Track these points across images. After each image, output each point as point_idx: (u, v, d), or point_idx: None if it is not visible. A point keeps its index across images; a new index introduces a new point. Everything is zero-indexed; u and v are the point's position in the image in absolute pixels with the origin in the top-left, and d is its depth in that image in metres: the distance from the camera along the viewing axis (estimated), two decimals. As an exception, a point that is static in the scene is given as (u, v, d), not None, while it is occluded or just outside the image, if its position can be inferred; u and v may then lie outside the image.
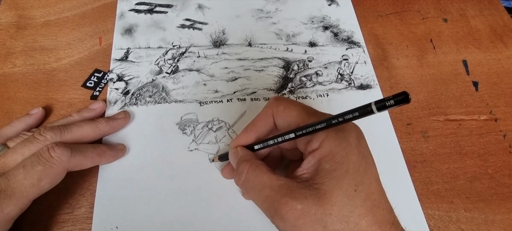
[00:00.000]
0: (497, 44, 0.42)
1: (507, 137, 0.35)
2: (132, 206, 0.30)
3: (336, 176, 0.21)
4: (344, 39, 0.41)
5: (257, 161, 0.25)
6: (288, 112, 0.25)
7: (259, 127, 0.27)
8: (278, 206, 0.21)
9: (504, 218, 0.31)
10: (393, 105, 0.17)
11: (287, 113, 0.25)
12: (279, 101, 0.26)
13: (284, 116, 0.25)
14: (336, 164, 0.21)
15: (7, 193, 0.24)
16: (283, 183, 0.22)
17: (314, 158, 0.22)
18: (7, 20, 0.42)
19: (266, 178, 0.23)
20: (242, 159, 0.25)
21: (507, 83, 0.39)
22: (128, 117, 0.34)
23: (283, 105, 0.25)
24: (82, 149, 0.28)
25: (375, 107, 0.18)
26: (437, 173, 0.33)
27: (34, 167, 0.25)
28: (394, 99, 0.16)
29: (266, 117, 0.26)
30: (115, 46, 0.40)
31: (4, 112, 0.35)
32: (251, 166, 0.24)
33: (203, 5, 0.44)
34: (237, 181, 0.25)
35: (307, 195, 0.21)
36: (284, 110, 0.25)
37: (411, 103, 0.37)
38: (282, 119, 0.25)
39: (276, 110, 0.25)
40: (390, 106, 0.17)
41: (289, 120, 0.25)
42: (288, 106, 0.25)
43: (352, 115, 0.19)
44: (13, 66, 0.38)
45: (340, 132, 0.22)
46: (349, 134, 0.22)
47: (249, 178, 0.24)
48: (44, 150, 0.26)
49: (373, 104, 0.18)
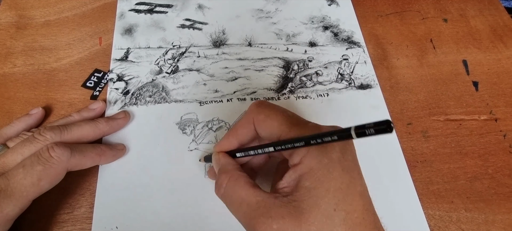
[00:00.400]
0: (497, 44, 0.42)
1: (507, 137, 0.35)
2: (132, 206, 0.30)
3: (316, 194, 0.20)
4: (344, 39, 0.41)
5: (236, 173, 0.24)
6: (269, 123, 0.24)
7: (240, 134, 0.26)
8: (255, 225, 0.21)
9: (505, 218, 0.31)
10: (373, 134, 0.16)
11: (268, 124, 0.24)
12: (260, 109, 0.25)
13: (265, 126, 0.24)
14: (316, 181, 0.20)
15: (6, 193, 0.24)
16: (261, 199, 0.21)
17: (295, 173, 0.22)
18: (7, 20, 0.42)
19: (244, 193, 0.22)
20: (222, 170, 0.25)
21: (507, 83, 0.39)
22: (128, 117, 0.34)
23: (264, 114, 0.24)
24: (82, 148, 0.28)
25: (354, 133, 0.17)
26: (438, 173, 0.33)
27: (33, 166, 0.25)
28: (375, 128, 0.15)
29: (247, 125, 0.25)
30: (115, 46, 0.40)
31: (4, 112, 0.35)
32: (230, 179, 0.23)
33: (203, 5, 0.44)
34: (217, 192, 0.24)
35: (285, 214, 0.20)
36: (265, 119, 0.24)
37: (411, 103, 0.37)
38: (263, 129, 0.24)
39: (257, 119, 0.24)
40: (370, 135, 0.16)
41: (271, 131, 0.24)
42: (269, 115, 0.24)
43: (331, 138, 0.19)
44: (13, 66, 0.38)
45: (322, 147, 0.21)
46: (332, 149, 0.21)
47: (227, 192, 0.23)
48: (43, 149, 0.26)
49: (353, 130, 0.17)
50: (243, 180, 0.23)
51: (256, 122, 0.24)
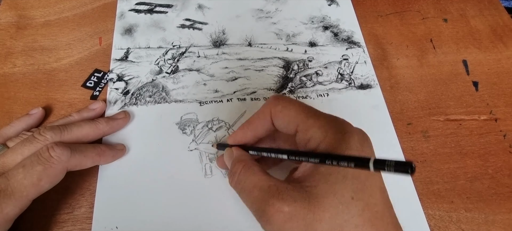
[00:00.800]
0: (497, 44, 0.42)
1: (507, 137, 0.35)
2: (132, 206, 0.30)
3: (332, 180, 0.19)
4: (344, 39, 0.41)
5: (250, 162, 0.24)
6: (286, 113, 0.24)
7: (256, 126, 0.26)
8: (265, 208, 0.20)
9: (505, 218, 0.31)
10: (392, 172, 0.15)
11: (285, 114, 0.24)
12: (278, 100, 0.25)
13: (282, 116, 0.24)
14: (332, 168, 0.20)
15: (6, 192, 0.24)
16: (273, 184, 0.21)
17: None
18: (7, 20, 0.42)
19: (257, 178, 0.22)
20: (236, 160, 0.25)
21: (507, 83, 0.39)
22: (128, 117, 0.34)
23: (281, 105, 0.24)
24: (82, 148, 0.28)
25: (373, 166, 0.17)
26: (438, 173, 0.33)
27: (34, 166, 0.25)
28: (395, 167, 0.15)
29: (263, 117, 0.25)
30: (115, 46, 0.40)
31: (4, 112, 0.35)
32: (244, 167, 0.23)
33: (203, 5, 0.44)
34: (231, 181, 0.24)
35: (297, 197, 0.19)
36: (282, 110, 0.24)
37: (411, 103, 0.37)
38: (280, 119, 0.24)
39: (274, 110, 0.24)
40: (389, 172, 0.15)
41: (288, 120, 0.24)
42: (287, 106, 0.24)
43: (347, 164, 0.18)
44: (13, 66, 0.38)
45: (339, 133, 0.21)
46: (350, 137, 0.21)
47: (241, 179, 0.23)
48: (43, 149, 0.26)
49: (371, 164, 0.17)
50: (256, 167, 0.23)
51: (274, 113, 0.24)
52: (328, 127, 0.22)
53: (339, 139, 0.21)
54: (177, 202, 0.30)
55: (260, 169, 0.23)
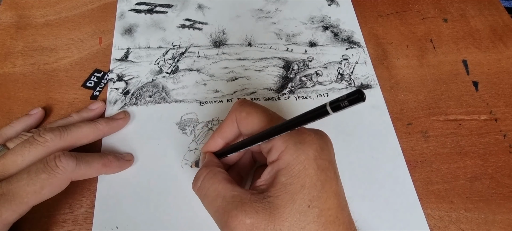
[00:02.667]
0: (497, 44, 0.42)
1: (507, 137, 0.35)
2: (132, 206, 0.30)
3: (291, 190, 0.20)
4: (344, 39, 0.41)
5: (215, 169, 0.24)
6: (250, 119, 0.24)
7: (224, 133, 0.26)
8: (228, 219, 0.21)
9: (504, 218, 0.31)
10: (348, 106, 0.16)
11: (250, 120, 0.24)
12: (242, 106, 0.25)
13: (246, 122, 0.24)
14: (292, 177, 0.21)
15: (7, 197, 0.24)
16: (237, 194, 0.21)
17: (272, 170, 0.22)
18: (7, 20, 0.42)
19: (221, 187, 0.22)
20: (202, 165, 0.25)
21: (507, 83, 0.39)
22: (128, 117, 0.34)
23: (245, 111, 0.24)
24: (88, 159, 0.28)
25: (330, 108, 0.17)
26: (437, 173, 0.33)
27: (38, 174, 0.25)
28: (348, 100, 0.16)
29: (231, 123, 0.26)
30: (115, 46, 0.40)
31: (4, 112, 0.35)
32: (208, 173, 0.24)
33: (203, 5, 0.44)
34: (193, 186, 0.24)
35: (259, 209, 0.20)
36: (246, 116, 0.24)
37: (411, 103, 0.37)
38: (244, 126, 0.25)
39: (239, 116, 0.25)
40: (345, 107, 0.16)
41: (252, 127, 0.24)
42: (250, 112, 0.24)
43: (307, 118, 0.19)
44: (13, 66, 0.38)
45: (299, 144, 0.21)
46: (309, 146, 0.21)
47: (204, 185, 0.23)
48: (50, 158, 0.26)
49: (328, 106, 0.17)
50: (221, 175, 0.23)
51: (238, 119, 0.25)
52: (288, 136, 0.22)
53: (298, 149, 0.21)
54: (177, 202, 0.30)
55: (225, 177, 0.23)
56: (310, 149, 0.21)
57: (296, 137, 0.22)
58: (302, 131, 0.22)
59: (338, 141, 0.34)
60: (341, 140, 0.34)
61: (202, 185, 0.23)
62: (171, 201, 0.30)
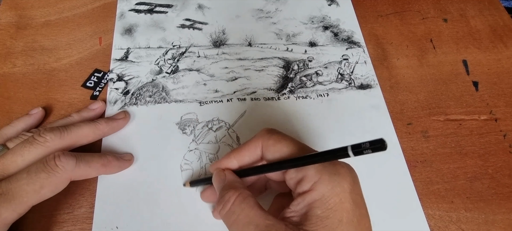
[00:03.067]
0: (497, 44, 0.42)
1: (507, 137, 0.35)
2: (132, 206, 0.30)
3: (329, 224, 0.20)
4: (344, 39, 0.41)
5: (246, 192, 0.23)
6: (278, 148, 0.23)
7: (243, 156, 0.25)
8: None
9: (505, 218, 0.31)
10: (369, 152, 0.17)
11: (278, 149, 0.23)
12: (270, 134, 0.24)
13: (274, 150, 0.24)
14: (328, 210, 0.20)
15: (7, 197, 0.24)
16: (271, 224, 0.20)
17: (304, 201, 0.21)
18: (7, 20, 0.42)
19: (253, 214, 0.21)
20: (229, 185, 0.24)
21: (507, 83, 0.39)
22: (128, 117, 0.34)
23: (273, 139, 0.24)
24: (88, 159, 0.28)
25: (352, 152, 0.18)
26: (438, 173, 0.33)
27: (38, 173, 0.25)
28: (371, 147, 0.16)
29: (253, 148, 0.25)
30: (115, 46, 0.40)
31: (4, 112, 0.35)
32: (239, 197, 0.22)
33: (203, 5, 0.44)
34: (220, 210, 0.23)
35: None
36: (274, 144, 0.24)
37: (411, 103, 0.37)
38: (271, 153, 0.24)
39: (266, 144, 0.24)
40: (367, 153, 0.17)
41: (279, 155, 0.23)
42: (279, 140, 0.24)
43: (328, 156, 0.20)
44: (13, 66, 0.38)
45: (334, 175, 0.21)
46: (343, 179, 0.21)
47: (234, 210, 0.22)
48: (50, 157, 0.26)
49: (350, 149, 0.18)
50: (252, 200, 0.22)
51: (265, 146, 0.24)
52: (322, 167, 0.21)
53: (333, 181, 0.21)
54: (177, 202, 0.30)
55: (256, 203, 0.22)
56: (345, 181, 0.21)
57: (330, 168, 0.21)
58: (335, 162, 0.22)
59: (338, 141, 0.34)
60: (341, 140, 0.34)
61: (232, 209, 0.22)
62: (171, 201, 0.30)
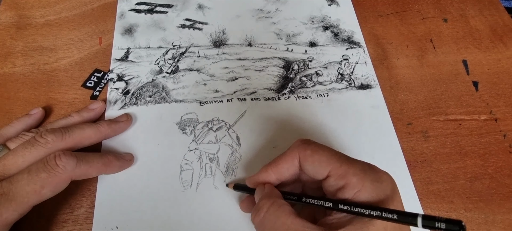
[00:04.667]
0: (497, 44, 0.42)
1: (507, 137, 0.35)
2: (132, 206, 0.30)
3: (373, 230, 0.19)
4: (344, 39, 0.41)
5: (280, 200, 0.23)
6: (317, 157, 0.23)
7: (281, 169, 0.25)
8: None
9: (505, 218, 0.31)
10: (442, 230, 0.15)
11: (316, 158, 0.23)
12: (306, 145, 0.24)
13: (312, 160, 0.23)
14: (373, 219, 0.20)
15: (8, 197, 0.24)
16: (309, 230, 0.20)
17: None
18: (7, 20, 0.42)
19: (290, 221, 0.21)
20: (264, 195, 0.24)
21: (507, 83, 0.39)
22: (130, 120, 0.34)
23: (311, 149, 0.24)
24: (89, 158, 0.28)
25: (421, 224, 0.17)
26: (437, 173, 0.33)
27: (38, 173, 0.25)
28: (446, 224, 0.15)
29: (291, 160, 0.25)
30: (115, 46, 0.40)
31: (4, 112, 0.35)
32: (273, 205, 0.22)
33: (203, 5, 0.44)
34: (254, 217, 0.23)
35: None
36: (312, 154, 0.24)
37: (411, 103, 0.37)
38: (310, 164, 0.24)
39: (304, 154, 0.24)
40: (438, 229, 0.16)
41: (319, 165, 0.23)
42: (317, 150, 0.24)
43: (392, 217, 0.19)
44: (13, 66, 0.38)
45: (377, 182, 0.21)
46: (386, 186, 0.21)
47: (269, 218, 0.22)
48: (51, 157, 0.26)
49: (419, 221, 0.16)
50: (288, 208, 0.22)
51: (303, 157, 0.24)
52: (363, 174, 0.21)
53: (377, 188, 0.21)
54: (177, 202, 0.30)
55: (292, 210, 0.22)
56: (388, 188, 0.21)
57: (372, 175, 0.21)
58: (376, 169, 0.22)
59: (338, 140, 0.34)
60: (341, 139, 0.34)
61: (267, 217, 0.22)
62: (171, 201, 0.30)
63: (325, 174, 0.23)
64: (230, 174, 0.31)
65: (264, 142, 0.33)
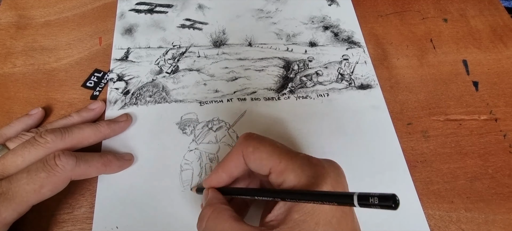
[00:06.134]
0: (497, 44, 0.42)
1: (507, 136, 0.35)
2: (132, 206, 0.30)
3: (304, 228, 0.19)
4: (344, 39, 0.41)
5: (221, 206, 0.23)
6: (258, 154, 0.23)
7: (229, 168, 0.25)
8: None
9: (505, 218, 0.31)
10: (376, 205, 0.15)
11: (257, 156, 0.23)
12: (249, 141, 0.24)
13: (254, 158, 0.23)
14: (306, 214, 0.20)
15: (7, 196, 0.24)
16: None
17: (285, 206, 0.21)
18: (7, 20, 0.42)
19: (227, 226, 0.21)
20: (207, 203, 0.24)
21: (507, 83, 0.39)
22: (130, 120, 0.34)
23: (252, 146, 0.23)
24: (88, 158, 0.28)
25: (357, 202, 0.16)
26: (438, 173, 0.33)
27: (38, 173, 0.25)
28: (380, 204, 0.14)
29: (236, 157, 0.24)
30: (115, 46, 0.40)
31: (4, 112, 0.35)
32: (214, 212, 0.22)
33: (203, 5, 0.44)
34: (198, 228, 0.23)
35: None
36: (253, 151, 0.23)
37: (411, 103, 0.37)
38: (252, 161, 0.24)
39: (246, 151, 0.24)
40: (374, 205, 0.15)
41: (260, 163, 0.23)
42: (258, 147, 0.23)
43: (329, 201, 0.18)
44: (13, 66, 0.38)
45: (313, 178, 0.21)
46: (322, 181, 0.20)
47: (209, 226, 0.22)
48: (50, 157, 0.26)
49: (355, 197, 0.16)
50: (227, 213, 0.22)
51: (245, 154, 0.24)
52: (301, 170, 0.21)
53: (312, 184, 0.20)
54: (177, 202, 0.30)
55: (232, 215, 0.22)
56: (324, 183, 0.20)
57: (308, 170, 0.21)
58: (314, 163, 0.22)
59: (338, 141, 0.34)
60: (341, 140, 0.34)
61: (208, 225, 0.22)
62: (170, 201, 0.30)
63: (266, 170, 0.23)
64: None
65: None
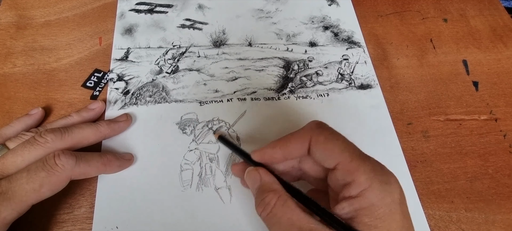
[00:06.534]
0: (497, 44, 0.42)
1: (507, 136, 0.35)
2: (132, 206, 0.30)
3: None
4: (344, 39, 0.41)
5: (285, 194, 0.22)
6: (329, 146, 0.22)
7: (289, 148, 0.24)
8: None
9: (505, 218, 0.31)
10: None
11: (329, 147, 0.22)
12: (321, 130, 0.23)
13: (324, 148, 0.23)
14: (377, 220, 0.19)
15: (7, 195, 0.24)
16: (315, 227, 0.20)
17: (351, 206, 0.20)
18: (7, 20, 0.42)
19: (296, 217, 0.21)
20: (267, 188, 0.23)
21: (507, 83, 0.39)
22: (130, 120, 0.34)
23: (324, 136, 0.23)
24: (88, 157, 0.28)
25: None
26: (438, 173, 0.33)
27: (37, 172, 0.25)
28: None
29: (301, 141, 0.24)
30: (115, 46, 0.40)
31: (4, 112, 0.35)
32: (279, 200, 0.22)
33: (203, 5, 0.44)
34: (261, 211, 0.22)
35: None
36: (325, 141, 0.23)
37: (411, 103, 0.37)
38: (320, 151, 0.23)
39: (316, 139, 0.23)
40: None
41: (330, 155, 0.22)
42: (331, 139, 0.23)
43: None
44: (13, 66, 0.38)
45: (385, 184, 0.20)
46: (394, 189, 0.20)
47: (276, 213, 0.22)
48: (50, 156, 0.26)
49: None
50: (294, 203, 0.22)
51: (314, 141, 0.23)
52: (373, 174, 0.21)
53: (384, 190, 0.20)
54: (177, 202, 0.30)
55: (297, 205, 0.22)
56: (396, 192, 0.20)
57: (381, 176, 0.21)
58: (386, 171, 0.21)
59: (338, 140, 0.34)
60: (341, 139, 0.34)
61: (273, 212, 0.22)
62: (171, 201, 0.30)
63: (333, 164, 0.22)
64: (230, 174, 0.31)
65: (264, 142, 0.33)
